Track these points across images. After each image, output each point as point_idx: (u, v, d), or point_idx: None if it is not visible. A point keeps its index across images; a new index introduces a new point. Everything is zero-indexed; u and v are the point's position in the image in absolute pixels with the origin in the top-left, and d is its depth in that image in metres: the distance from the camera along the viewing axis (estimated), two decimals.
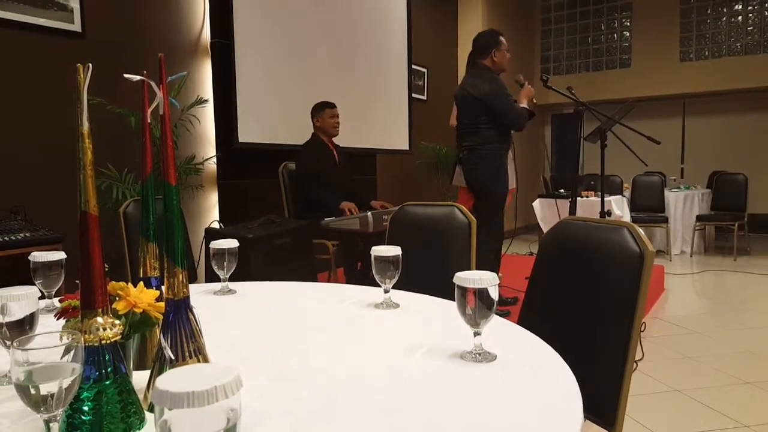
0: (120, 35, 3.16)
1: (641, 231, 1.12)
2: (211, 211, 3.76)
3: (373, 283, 1.28)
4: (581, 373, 0.82)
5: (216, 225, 3.59)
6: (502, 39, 3.22)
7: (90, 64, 0.62)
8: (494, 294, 0.85)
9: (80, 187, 0.64)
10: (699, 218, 6.12)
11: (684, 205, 6.14)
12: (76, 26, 2.93)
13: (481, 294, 0.84)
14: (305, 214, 3.31)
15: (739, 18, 7.28)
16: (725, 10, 7.33)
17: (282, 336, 1.07)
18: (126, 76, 0.74)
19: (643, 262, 1.07)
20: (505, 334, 1.01)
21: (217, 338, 1.00)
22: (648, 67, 7.72)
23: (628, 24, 7.97)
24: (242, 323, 1.16)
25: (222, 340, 1.01)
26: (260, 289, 1.45)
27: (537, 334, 1.00)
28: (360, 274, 3.21)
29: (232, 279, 1.40)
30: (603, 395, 1.05)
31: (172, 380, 0.43)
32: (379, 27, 5.13)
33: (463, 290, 0.85)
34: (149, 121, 0.90)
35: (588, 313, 1.15)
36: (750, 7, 7.20)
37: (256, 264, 2.60)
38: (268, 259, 2.70)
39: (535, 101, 3.24)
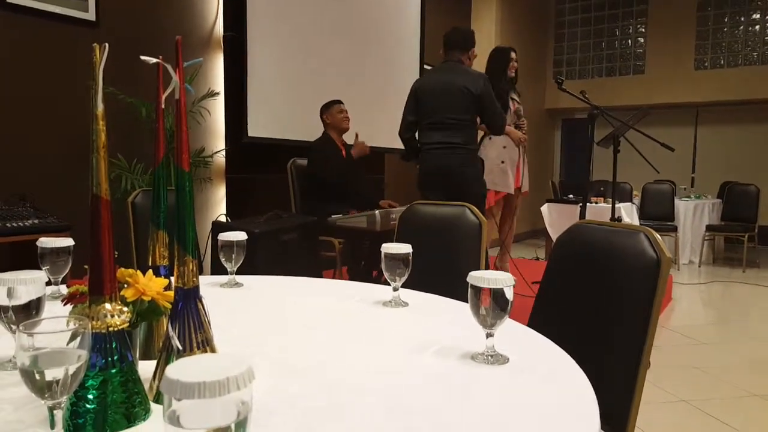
0: (134, 26, 3.16)
1: (659, 237, 1.10)
2: (218, 204, 3.76)
3: (376, 283, 1.26)
4: (593, 378, 0.80)
5: (223, 218, 3.58)
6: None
7: (106, 44, 0.61)
8: (509, 295, 0.83)
9: (92, 170, 0.62)
10: (709, 228, 6.06)
11: (694, 214, 6.08)
12: (90, 15, 2.93)
13: (496, 294, 0.82)
14: (317, 208, 3.27)
15: (757, 27, 7.20)
16: (743, 18, 7.26)
17: (289, 331, 1.05)
18: (143, 58, 0.73)
19: (660, 269, 1.04)
20: (516, 337, 0.98)
21: (223, 331, 0.98)
22: (662, 74, 7.65)
23: (643, 30, 7.91)
24: (249, 317, 1.15)
25: (228, 332, 1.00)
26: (267, 283, 1.43)
27: (548, 338, 0.98)
28: (363, 273, 3.19)
29: (237, 273, 1.38)
30: (615, 402, 1.02)
31: (183, 369, 0.42)
32: (393, 25, 5.11)
33: (478, 290, 0.83)
34: (162, 107, 0.88)
35: (602, 317, 1.13)
36: None
37: (262, 259, 2.59)
38: (274, 254, 2.68)
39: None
